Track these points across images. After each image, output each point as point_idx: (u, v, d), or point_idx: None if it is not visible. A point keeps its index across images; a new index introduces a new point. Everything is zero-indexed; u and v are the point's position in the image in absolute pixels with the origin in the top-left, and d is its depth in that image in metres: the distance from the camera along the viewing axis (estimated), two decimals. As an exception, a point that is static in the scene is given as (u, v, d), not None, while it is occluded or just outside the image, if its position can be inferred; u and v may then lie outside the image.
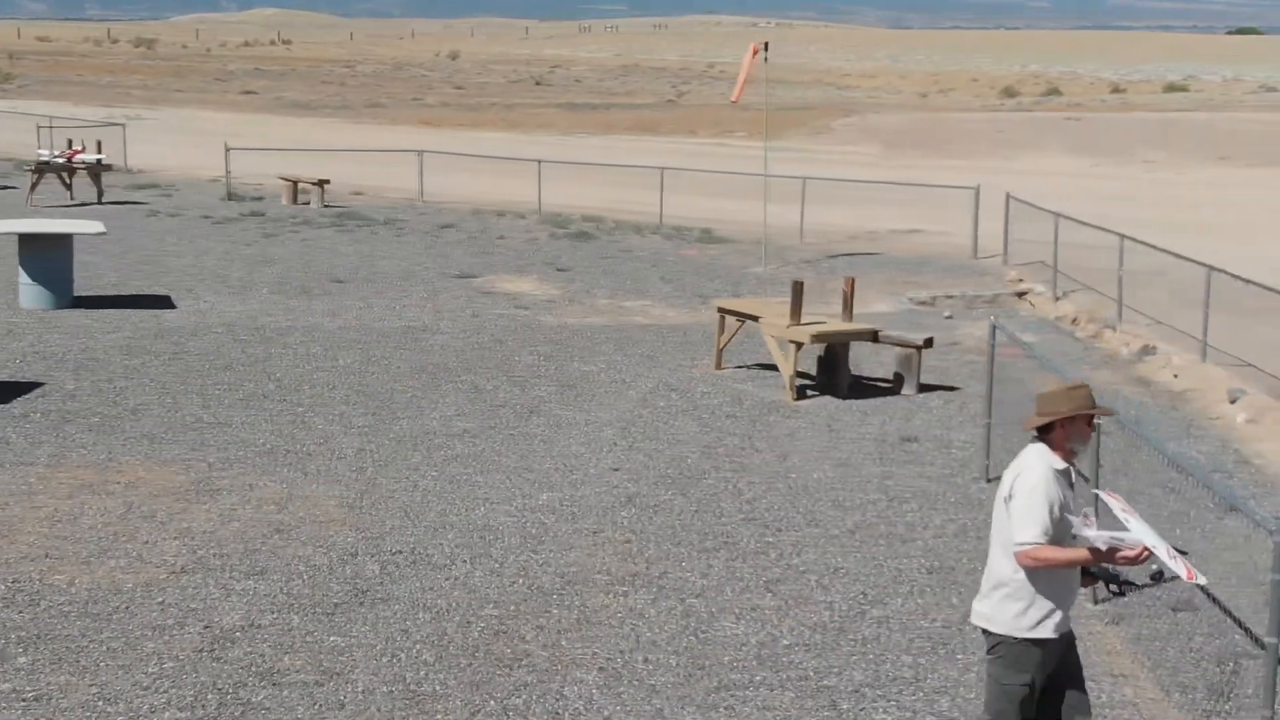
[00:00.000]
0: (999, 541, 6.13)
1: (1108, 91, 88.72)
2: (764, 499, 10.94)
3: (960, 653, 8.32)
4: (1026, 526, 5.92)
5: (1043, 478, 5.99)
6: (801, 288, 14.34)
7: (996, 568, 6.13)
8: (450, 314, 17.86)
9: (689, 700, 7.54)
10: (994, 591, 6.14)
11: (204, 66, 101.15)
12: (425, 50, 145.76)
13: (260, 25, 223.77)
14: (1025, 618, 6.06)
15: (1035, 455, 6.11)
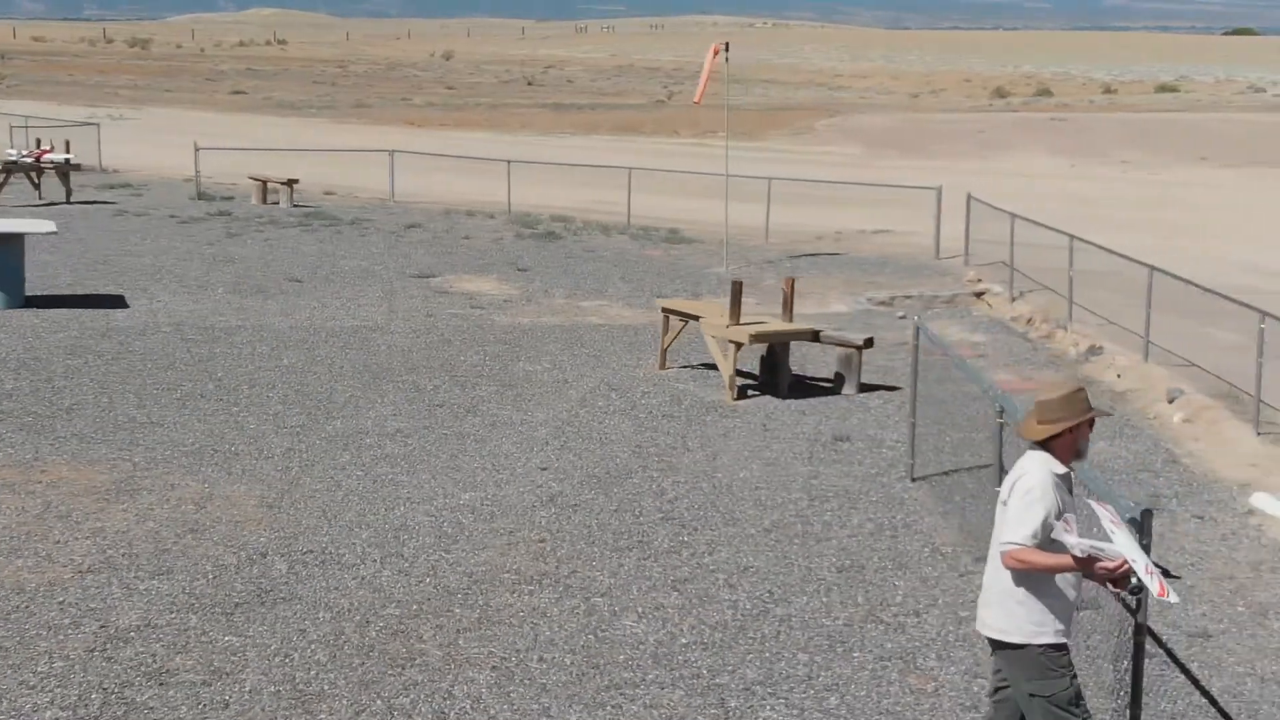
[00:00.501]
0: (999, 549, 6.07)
1: (1099, 92, 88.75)
2: (686, 498, 10.96)
3: (857, 650, 8.34)
4: (1016, 528, 5.90)
5: (1041, 482, 5.95)
6: (740, 288, 14.37)
7: (1003, 575, 6.04)
8: (404, 314, 17.89)
9: (577, 699, 7.56)
10: (1004, 599, 6.05)
11: (195, 66, 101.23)
12: (420, 50, 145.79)
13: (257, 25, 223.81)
14: (1044, 624, 6.02)
15: (1035, 461, 6.05)
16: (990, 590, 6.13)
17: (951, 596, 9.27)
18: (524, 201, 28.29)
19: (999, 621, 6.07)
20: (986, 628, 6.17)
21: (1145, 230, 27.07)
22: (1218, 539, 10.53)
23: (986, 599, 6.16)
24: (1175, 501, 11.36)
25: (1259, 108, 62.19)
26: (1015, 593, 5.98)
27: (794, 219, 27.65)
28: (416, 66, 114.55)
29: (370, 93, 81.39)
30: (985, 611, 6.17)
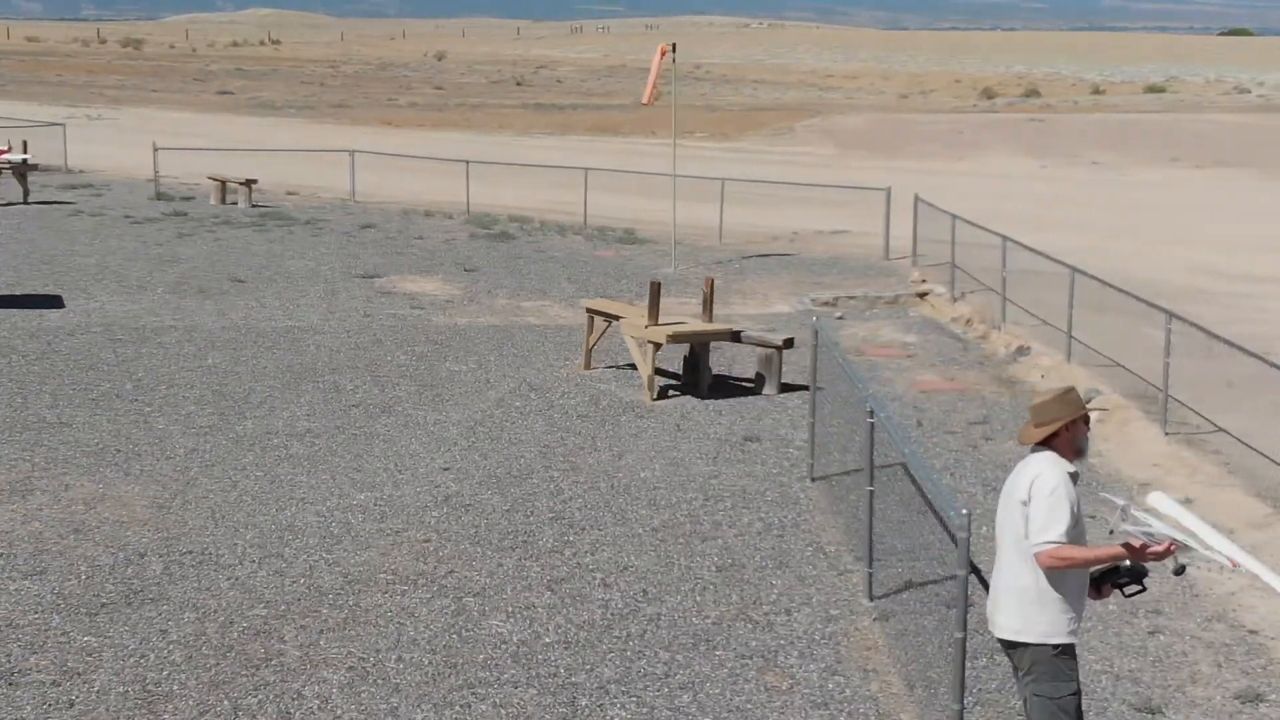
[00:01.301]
0: (1016, 550, 6.12)
1: (1088, 93, 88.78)
2: (581, 498, 11.00)
3: (720, 649, 8.38)
4: (1049, 526, 5.96)
5: (1061, 479, 6.07)
6: (658, 288, 14.42)
7: (1016, 576, 6.10)
8: (341, 314, 17.92)
9: (427, 699, 7.60)
10: (1016, 601, 6.11)
11: (185, 67, 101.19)
12: (413, 50, 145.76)
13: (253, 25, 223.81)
14: (1058, 624, 6.05)
15: (1047, 460, 6.17)
16: (1003, 592, 6.18)
17: (826, 595, 9.32)
18: (485, 202, 28.34)
19: (1013, 622, 6.13)
20: (1000, 630, 6.21)
21: (1100, 231, 27.15)
22: (1103, 538, 10.54)
23: (998, 602, 6.22)
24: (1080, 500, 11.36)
25: (1241, 108, 62.21)
26: (1030, 593, 6.05)
27: (753, 219, 27.72)
28: (408, 66, 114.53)
29: (358, 93, 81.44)
30: (998, 615, 6.21)
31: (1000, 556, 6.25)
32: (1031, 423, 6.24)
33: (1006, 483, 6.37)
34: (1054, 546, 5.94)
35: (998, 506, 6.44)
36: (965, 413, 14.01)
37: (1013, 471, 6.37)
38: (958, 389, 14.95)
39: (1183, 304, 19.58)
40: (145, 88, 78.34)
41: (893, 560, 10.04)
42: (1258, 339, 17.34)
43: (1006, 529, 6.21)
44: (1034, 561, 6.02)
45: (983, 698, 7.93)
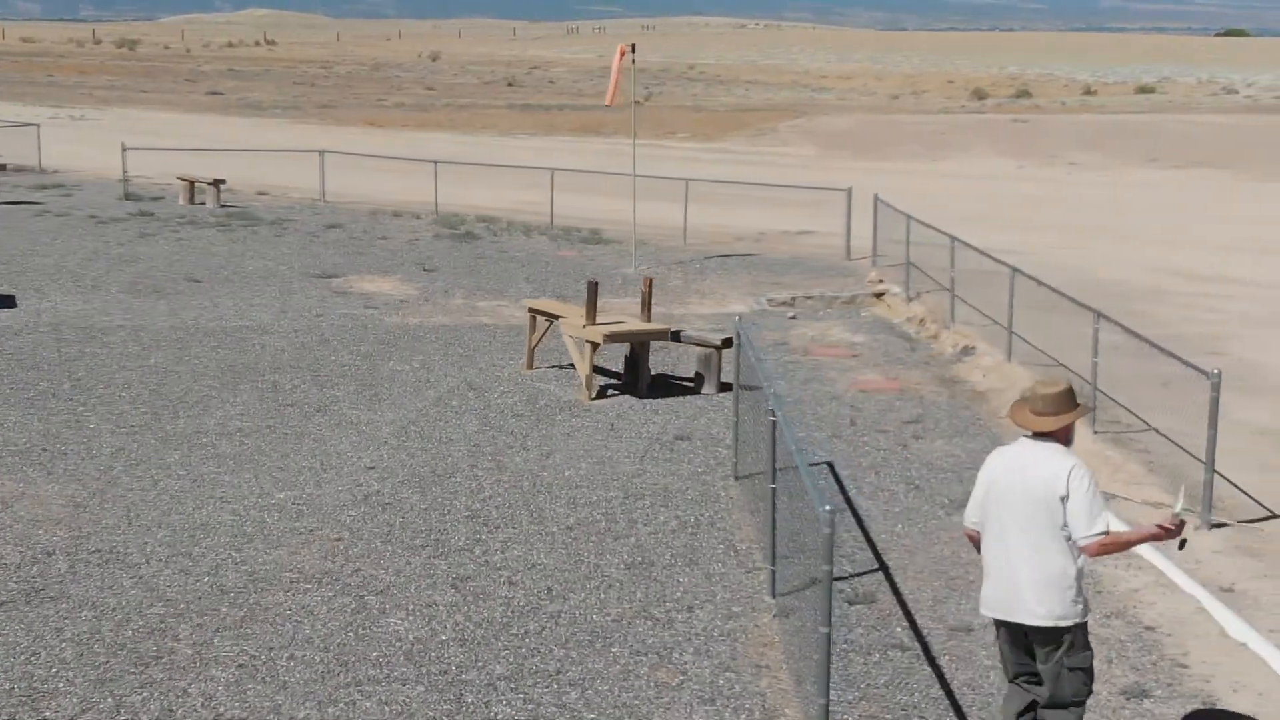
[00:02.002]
0: (1050, 538, 6.31)
1: (1080, 93, 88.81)
2: (500, 497, 11.04)
3: (616, 646, 8.41)
4: (1098, 517, 6.25)
5: (1090, 472, 6.35)
6: (595, 288, 14.46)
7: (1048, 564, 6.31)
8: (293, 314, 17.97)
9: (312, 697, 7.63)
10: (1053, 588, 6.32)
11: (178, 67, 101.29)
12: (409, 51, 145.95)
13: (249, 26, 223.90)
14: (1081, 603, 6.40)
15: (1067, 454, 6.39)
16: (1033, 583, 6.34)
17: (731, 592, 9.35)
18: (456, 202, 28.41)
19: (1053, 609, 6.33)
20: (1038, 618, 6.37)
21: (1068, 230, 27.20)
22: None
23: (1029, 592, 6.36)
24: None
25: (1228, 109, 62.25)
26: (1066, 579, 6.30)
27: (722, 220, 27.79)
28: (401, 67, 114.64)
29: (349, 93, 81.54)
30: (1033, 604, 6.36)
31: (1015, 548, 6.40)
32: (1043, 411, 6.43)
33: (1007, 474, 6.46)
34: (1103, 537, 6.27)
35: (993, 496, 6.55)
36: (901, 412, 14.05)
37: (1009, 463, 6.50)
38: (897, 388, 14.99)
39: (1139, 303, 19.71)
40: (135, 88, 78.42)
41: (802, 557, 10.06)
42: (1207, 338, 17.46)
43: (1027, 520, 6.36)
44: (1070, 549, 6.28)
45: (869, 693, 7.97)
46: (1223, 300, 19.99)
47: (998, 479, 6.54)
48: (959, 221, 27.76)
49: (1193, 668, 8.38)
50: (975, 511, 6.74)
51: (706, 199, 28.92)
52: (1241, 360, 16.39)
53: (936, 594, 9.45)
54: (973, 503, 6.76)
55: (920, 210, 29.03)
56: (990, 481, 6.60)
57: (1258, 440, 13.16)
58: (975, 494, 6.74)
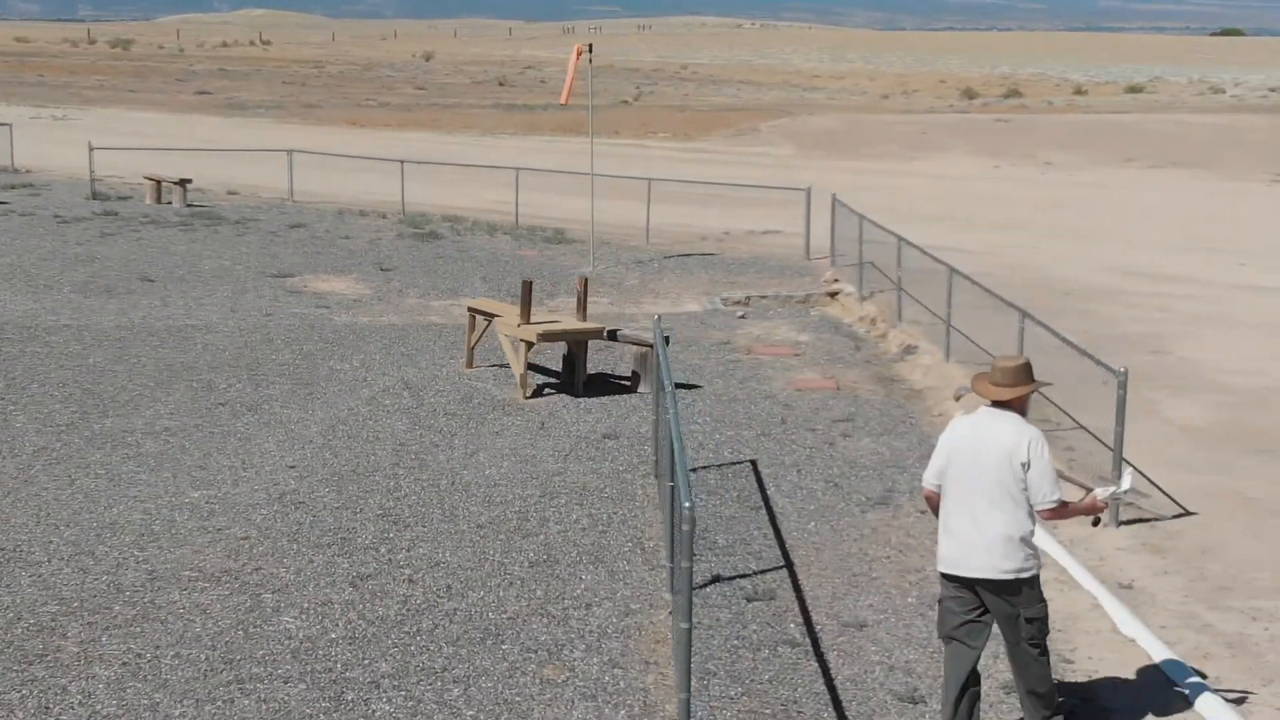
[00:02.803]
0: (1010, 501, 6.84)
1: (1071, 93, 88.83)
2: (416, 496, 11.07)
3: (508, 643, 8.44)
4: (1055, 485, 6.87)
5: (1047, 442, 6.93)
6: (530, 287, 14.49)
7: (1009, 524, 6.84)
8: (243, 313, 18.00)
9: (191, 695, 7.66)
10: (1014, 545, 6.84)
11: (169, 67, 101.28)
12: (403, 51, 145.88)
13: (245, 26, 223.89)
14: (1037, 556, 6.99)
15: (1024, 424, 6.95)
16: (995, 539, 6.84)
17: (632, 590, 9.38)
18: (424, 201, 28.43)
19: (1010, 564, 6.85)
20: (1000, 571, 6.87)
21: (1032, 230, 27.24)
22: (927, 533, 10.63)
23: (989, 548, 6.85)
24: (908, 497, 11.45)
25: (1213, 109, 62.27)
26: (1021, 535, 6.84)
27: (689, 219, 27.82)
28: (393, 67, 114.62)
29: (338, 93, 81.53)
30: (997, 559, 6.85)
31: (979, 509, 6.87)
32: (1001, 383, 6.97)
33: (966, 439, 6.95)
34: (1059, 503, 6.90)
35: (955, 461, 6.98)
36: (833, 410, 14.08)
37: (972, 430, 6.99)
38: (833, 387, 15.02)
39: (1089, 302, 19.75)
40: (124, 88, 78.41)
41: (710, 555, 10.12)
42: (1152, 337, 17.50)
43: (992, 484, 6.84)
44: (1029, 511, 6.85)
45: (752, 688, 8.00)
46: (1175, 299, 20.02)
47: (961, 445, 6.99)
48: (926, 220, 27.86)
49: (1077, 663, 8.42)
50: (935, 475, 7.15)
51: (678, 198, 29.00)
52: (1182, 359, 16.44)
53: (836, 590, 9.49)
54: (933, 466, 7.18)
55: (889, 209, 29.14)
56: (954, 448, 7.03)
57: (1182, 438, 13.19)
58: (936, 459, 7.16)
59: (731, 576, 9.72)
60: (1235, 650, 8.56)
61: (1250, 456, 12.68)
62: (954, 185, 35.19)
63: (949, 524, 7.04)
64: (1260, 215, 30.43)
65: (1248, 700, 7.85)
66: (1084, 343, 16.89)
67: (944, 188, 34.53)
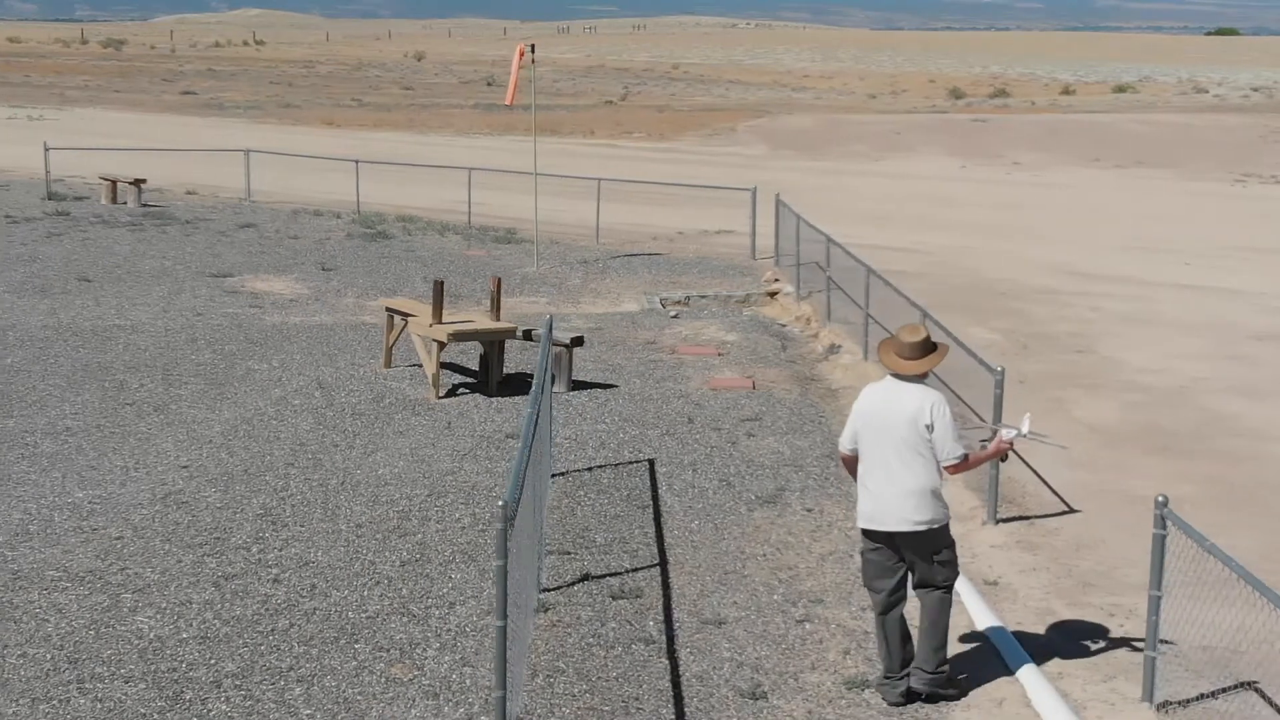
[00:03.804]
0: (919, 460, 7.55)
1: (1058, 93, 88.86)
2: (301, 495, 11.09)
3: (361, 642, 8.47)
4: (958, 441, 7.59)
5: (948, 404, 7.68)
6: (441, 287, 14.51)
7: (919, 478, 7.55)
8: (174, 313, 18.02)
9: (28, 694, 7.68)
10: (923, 498, 7.55)
11: (158, 67, 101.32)
12: (395, 51, 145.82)
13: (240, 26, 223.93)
14: (946, 507, 7.71)
15: (927, 389, 7.68)
16: (907, 495, 7.54)
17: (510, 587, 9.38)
18: (384, 201, 28.44)
19: (924, 515, 7.57)
20: (914, 524, 7.57)
21: (982, 230, 27.26)
22: (808, 531, 10.67)
23: (903, 503, 7.55)
24: (798, 495, 11.48)
25: (1194, 108, 62.28)
26: (930, 490, 7.56)
27: (643, 219, 27.85)
28: (383, 67, 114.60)
29: (323, 93, 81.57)
30: (910, 512, 7.55)
31: (892, 467, 7.57)
32: (908, 356, 7.65)
33: (876, 405, 7.70)
34: (963, 458, 7.61)
35: (868, 427, 7.70)
36: (743, 409, 14.10)
37: (881, 396, 7.73)
38: (748, 386, 15.04)
39: (1020, 302, 19.79)
40: (109, 88, 78.44)
41: (585, 553, 10.15)
42: (1077, 337, 17.55)
43: (903, 444, 7.55)
44: (937, 467, 7.56)
45: (598, 685, 8.04)
46: (1109, 299, 20.05)
47: (874, 411, 7.72)
48: (879, 221, 27.95)
49: (928, 660, 8.44)
50: (850, 439, 7.89)
51: (638, 198, 29.04)
52: (1104, 358, 16.47)
53: (705, 588, 9.51)
54: (847, 431, 7.92)
55: (849, 209, 29.27)
56: (868, 413, 7.75)
57: (1088, 436, 13.21)
58: (850, 424, 7.91)
59: (601, 575, 9.75)
60: (1084, 646, 8.60)
61: (1149, 455, 12.71)
62: (917, 185, 35.21)
63: (866, 483, 7.71)
64: (1215, 215, 30.47)
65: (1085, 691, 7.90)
66: (1011, 343, 17.01)
67: (907, 188, 34.57)
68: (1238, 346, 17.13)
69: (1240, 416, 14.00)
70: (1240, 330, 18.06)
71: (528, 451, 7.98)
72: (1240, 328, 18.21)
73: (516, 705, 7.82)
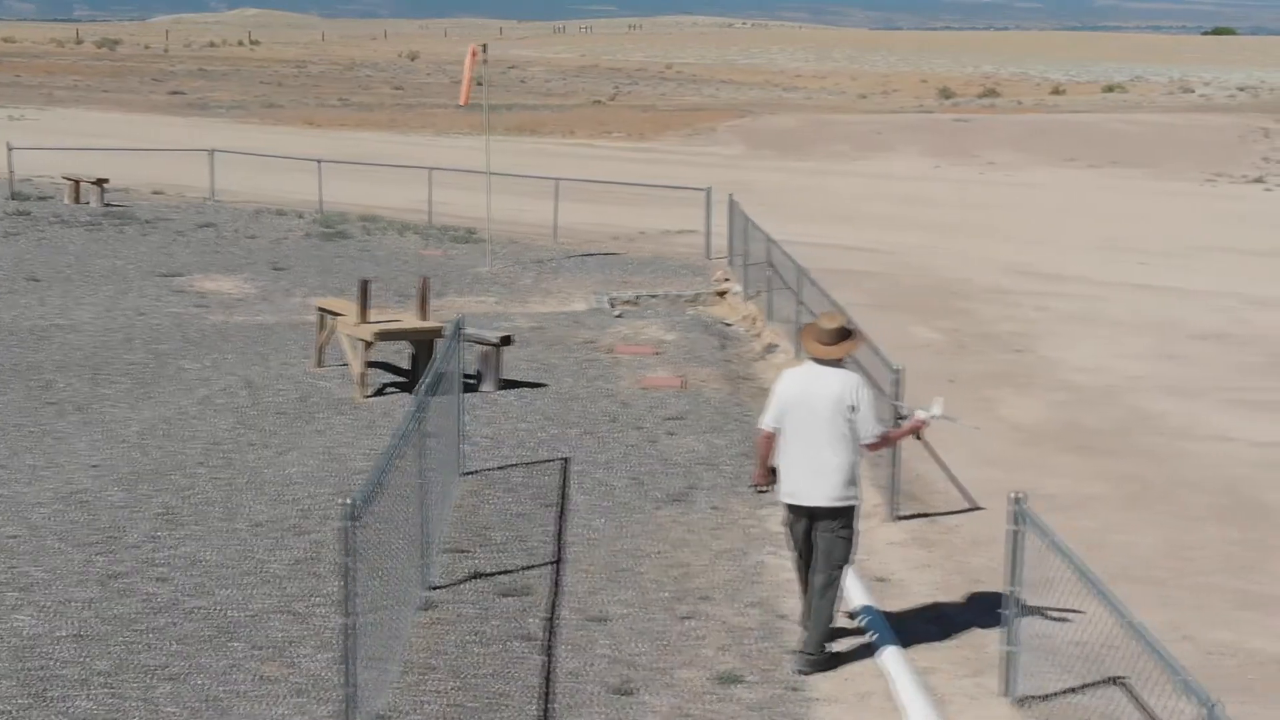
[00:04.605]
0: (841, 440, 7.96)
1: (1048, 92, 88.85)
2: (205, 494, 11.08)
3: (239, 640, 8.45)
4: (879, 421, 8.12)
5: (869, 386, 8.21)
6: (367, 286, 14.50)
7: (839, 456, 7.96)
8: (116, 313, 18.02)
9: (-110, 690, 7.68)
10: (841, 475, 7.96)
11: (148, 67, 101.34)
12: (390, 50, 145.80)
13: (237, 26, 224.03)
14: (858, 487, 8.12)
15: (847, 373, 8.12)
16: (823, 473, 7.96)
17: (387, 586, 9.36)
18: (350, 201, 28.46)
19: (837, 491, 7.98)
20: (831, 499, 8.00)
21: (943, 230, 27.26)
22: (709, 529, 10.66)
23: (818, 479, 7.97)
24: (706, 493, 11.47)
25: (1177, 108, 62.25)
26: (852, 469, 8.01)
27: (606, 219, 27.87)
28: (376, 66, 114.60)
29: (313, 93, 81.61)
30: (828, 488, 7.98)
31: (815, 445, 7.96)
32: (828, 342, 8.07)
33: (801, 387, 8.07)
34: (882, 437, 8.16)
35: (792, 409, 8.06)
36: (669, 408, 14.09)
37: (806, 379, 8.10)
38: (677, 385, 15.03)
39: (967, 301, 19.80)
40: (98, 88, 78.48)
41: (481, 552, 10.14)
42: (1017, 336, 17.57)
43: (822, 426, 7.95)
44: (855, 447, 7.99)
45: (469, 682, 8.03)
46: (1057, 299, 20.05)
47: (798, 394, 8.09)
48: (847, 220, 27.99)
49: (797, 653, 8.44)
50: (773, 420, 8.24)
51: (604, 199, 29.06)
52: (1041, 358, 16.47)
53: (595, 585, 9.51)
54: (770, 412, 8.27)
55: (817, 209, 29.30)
56: (792, 396, 8.11)
57: (1009, 435, 13.21)
58: (773, 405, 8.25)
59: (493, 573, 9.74)
60: (960, 642, 8.60)
61: (1066, 454, 12.71)
62: (891, 185, 35.23)
63: (789, 461, 8.12)
64: (1180, 215, 30.48)
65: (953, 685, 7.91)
66: (950, 342, 17.02)
67: (880, 187, 34.58)
68: (1176, 346, 17.13)
69: (1165, 415, 13.99)
70: (1182, 330, 18.06)
71: (392, 453, 7.97)
72: (1183, 327, 18.21)
73: (380, 702, 7.84)
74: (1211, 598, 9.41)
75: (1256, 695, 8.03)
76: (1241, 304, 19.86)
